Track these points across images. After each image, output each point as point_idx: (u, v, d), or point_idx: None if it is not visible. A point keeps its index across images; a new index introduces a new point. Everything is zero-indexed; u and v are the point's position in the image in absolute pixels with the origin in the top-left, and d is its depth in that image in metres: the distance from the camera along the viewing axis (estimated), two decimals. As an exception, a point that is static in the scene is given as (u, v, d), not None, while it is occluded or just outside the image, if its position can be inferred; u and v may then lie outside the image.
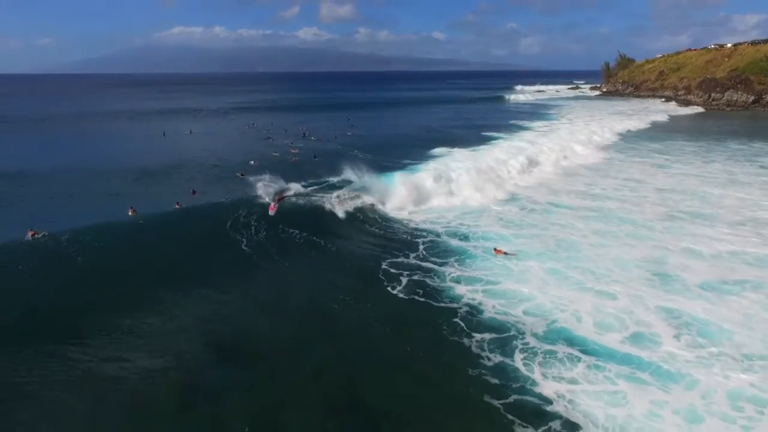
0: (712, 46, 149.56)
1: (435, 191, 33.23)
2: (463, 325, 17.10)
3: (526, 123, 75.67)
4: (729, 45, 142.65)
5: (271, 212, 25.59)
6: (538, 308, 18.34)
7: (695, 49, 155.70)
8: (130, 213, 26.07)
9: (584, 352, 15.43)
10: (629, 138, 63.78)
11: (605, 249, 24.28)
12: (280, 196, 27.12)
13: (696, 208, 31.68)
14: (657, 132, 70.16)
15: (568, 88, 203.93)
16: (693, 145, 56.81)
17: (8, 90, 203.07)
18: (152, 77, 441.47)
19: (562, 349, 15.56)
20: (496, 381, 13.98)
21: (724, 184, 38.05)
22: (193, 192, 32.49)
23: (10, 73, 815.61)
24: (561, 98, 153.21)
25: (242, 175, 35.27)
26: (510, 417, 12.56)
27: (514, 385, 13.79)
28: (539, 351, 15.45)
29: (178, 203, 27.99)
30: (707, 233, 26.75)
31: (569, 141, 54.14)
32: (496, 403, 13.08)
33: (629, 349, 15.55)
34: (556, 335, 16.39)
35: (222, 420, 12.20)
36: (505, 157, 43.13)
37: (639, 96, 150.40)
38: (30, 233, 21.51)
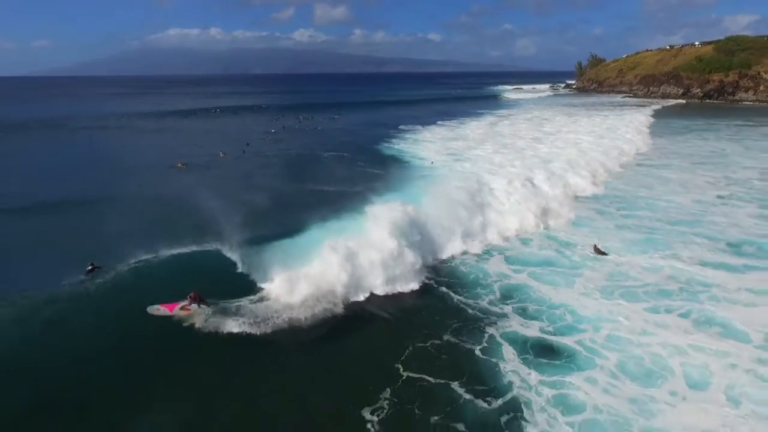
0: (668, 47, 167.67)
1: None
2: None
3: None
4: (677, 46, 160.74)
5: (183, 311, 17.02)
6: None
7: (651, 50, 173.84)
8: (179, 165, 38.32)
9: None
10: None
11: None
12: (199, 299, 17.20)
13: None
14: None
15: (549, 86, 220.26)
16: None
17: (8, 91, 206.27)
18: (150, 79, 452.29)
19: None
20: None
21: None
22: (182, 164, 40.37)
23: (7, 75, 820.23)
24: (533, 96, 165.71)
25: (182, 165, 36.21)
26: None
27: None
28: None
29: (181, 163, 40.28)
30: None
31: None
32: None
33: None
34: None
35: None
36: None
37: (601, 91, 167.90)
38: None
